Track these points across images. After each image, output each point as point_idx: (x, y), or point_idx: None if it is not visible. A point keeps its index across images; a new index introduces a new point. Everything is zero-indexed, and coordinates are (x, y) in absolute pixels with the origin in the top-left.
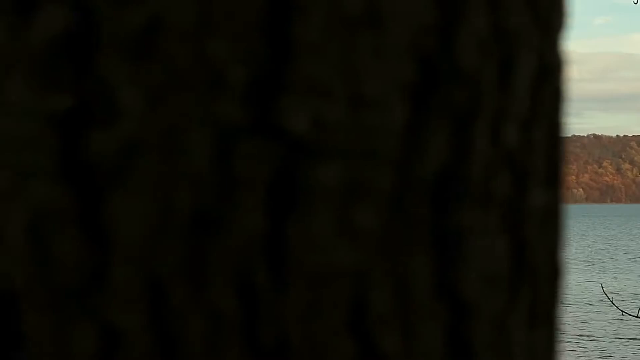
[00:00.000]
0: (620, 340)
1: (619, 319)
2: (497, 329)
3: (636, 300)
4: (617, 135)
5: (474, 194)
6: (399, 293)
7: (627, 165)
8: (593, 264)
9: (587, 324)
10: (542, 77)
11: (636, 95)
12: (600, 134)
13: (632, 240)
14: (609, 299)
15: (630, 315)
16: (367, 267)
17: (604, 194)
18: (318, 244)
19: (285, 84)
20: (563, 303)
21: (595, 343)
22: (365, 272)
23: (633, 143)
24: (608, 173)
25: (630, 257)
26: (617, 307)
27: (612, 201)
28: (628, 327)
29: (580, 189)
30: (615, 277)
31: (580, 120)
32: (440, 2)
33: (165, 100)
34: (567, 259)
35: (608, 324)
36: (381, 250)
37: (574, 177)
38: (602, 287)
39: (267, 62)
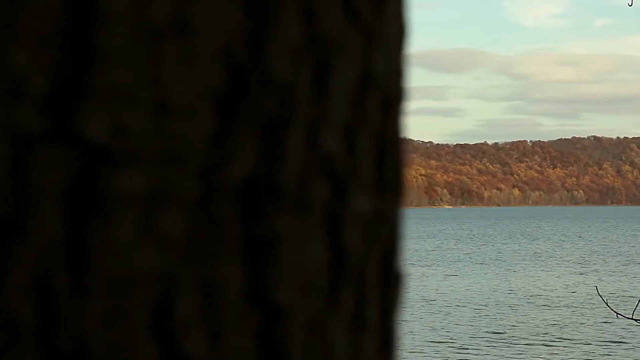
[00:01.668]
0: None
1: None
2: (314, 334)
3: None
4: (617, 137)
5: (287, 199)
6: (206, 297)
7: (627, 167)
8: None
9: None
10: (367, 84)
11: (636, 97)
12: (600, 136)
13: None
14: (604, 301)
15: (625, 317)
16: (172, 272)
17: (605, 196)
18: (120, 250)
19: (87, 91)
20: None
21: (588, 346)
22: (170, 277)
23: (633, 145)
24: (608, 175)
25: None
26: (612, 309)
27: (612, 203)
28: (617, 328)
29: (581, 191)
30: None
31: (580, 122)
32: (251, 11)
33: None
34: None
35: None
36: (188, 255)
37: (574, 178)
38: (597, 289)
39: (69, 70)
